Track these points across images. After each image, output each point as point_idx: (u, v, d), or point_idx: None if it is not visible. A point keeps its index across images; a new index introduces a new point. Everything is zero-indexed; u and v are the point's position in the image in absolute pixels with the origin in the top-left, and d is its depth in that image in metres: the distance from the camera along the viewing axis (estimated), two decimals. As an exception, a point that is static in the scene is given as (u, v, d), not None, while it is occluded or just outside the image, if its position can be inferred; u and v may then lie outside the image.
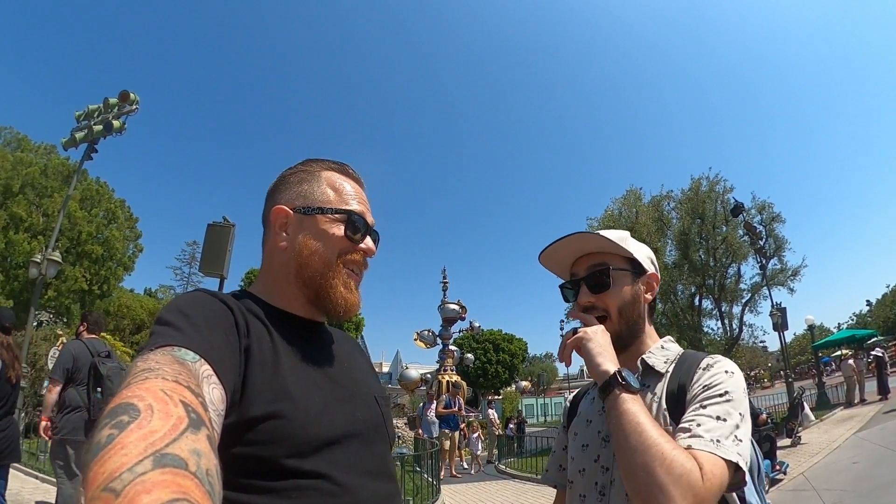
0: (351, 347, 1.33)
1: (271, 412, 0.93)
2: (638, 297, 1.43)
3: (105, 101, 15.11)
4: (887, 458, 9.25)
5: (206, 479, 0.51)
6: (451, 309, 26.01)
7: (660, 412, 1.26)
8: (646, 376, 1.35)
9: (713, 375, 1.23)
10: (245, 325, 1.01)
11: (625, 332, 1.39)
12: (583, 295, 1.42)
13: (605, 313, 1.39)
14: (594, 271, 1.42)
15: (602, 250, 1.43)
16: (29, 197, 26.10)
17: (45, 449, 10.92)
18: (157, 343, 0.83)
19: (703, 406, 1.16)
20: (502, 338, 56.75)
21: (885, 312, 62.48)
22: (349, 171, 1.27)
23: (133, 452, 0.48)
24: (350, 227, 1.18)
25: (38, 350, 14.23)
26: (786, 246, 25.10)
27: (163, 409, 0.57)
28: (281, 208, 1.19)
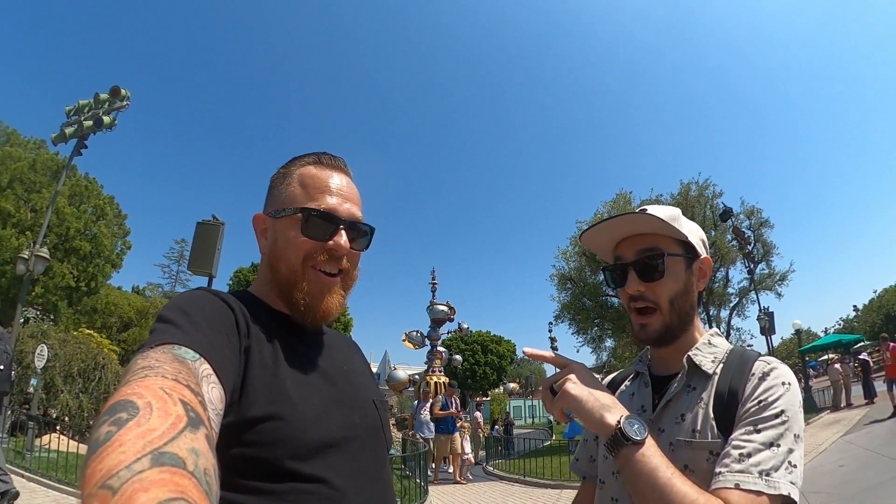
0: (350, 350, 1.32)
1: (270, 414, 0.93)
2: (690, 287, 1.30)
3: (96, 96, 15.04)
4: (873, 462, 9.32)
5: (203, 478, 0.50)
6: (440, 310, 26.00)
7: (707, 421, 1.15)
8: (692, 376, 1.24)
9: (769, 389, 1.12)
10: (246, 325, 1.00)
11: (675, 324, 1.27)
12: (632, 283, 1.27)
13: (655, 305, 1.26)
14: (645, 257, 1.26)
15: (652, 231, 1.28)
16: (17, 192, 25.80)
17: (31, 448, 10.87)
18: (157, 340, 0.82)
19: (757, 429, 1.07)
20: (491, 339, 56.85)
21: (872, 317, 62.94)
22: (324, 159, 1.21)
23: (131, 450, 0.48)
24: (307, 226, 1.12)
25: (24, 347, 14.06)
26: (774, 251, 25.37)
27: (162, 407, 0.57)
28: (259, 215, 1.20)
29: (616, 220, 1.29)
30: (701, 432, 1.14)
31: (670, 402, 1.23)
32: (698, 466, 1.11)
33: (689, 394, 1.22)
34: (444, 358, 26.34)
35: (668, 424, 1.20)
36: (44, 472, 9.65)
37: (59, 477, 9.45)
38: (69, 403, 14.25)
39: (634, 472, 1.02)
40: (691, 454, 1.13)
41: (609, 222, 1.30)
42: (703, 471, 1.09)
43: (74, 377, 14.81)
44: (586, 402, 1.09)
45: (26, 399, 13.80)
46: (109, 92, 15.11)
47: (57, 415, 14.44)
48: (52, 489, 9.02)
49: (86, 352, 15.56)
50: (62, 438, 11.92)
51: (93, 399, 14.93)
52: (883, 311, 61.06)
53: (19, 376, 13.43)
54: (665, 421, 1.21)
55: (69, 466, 9.83)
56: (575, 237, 25.40)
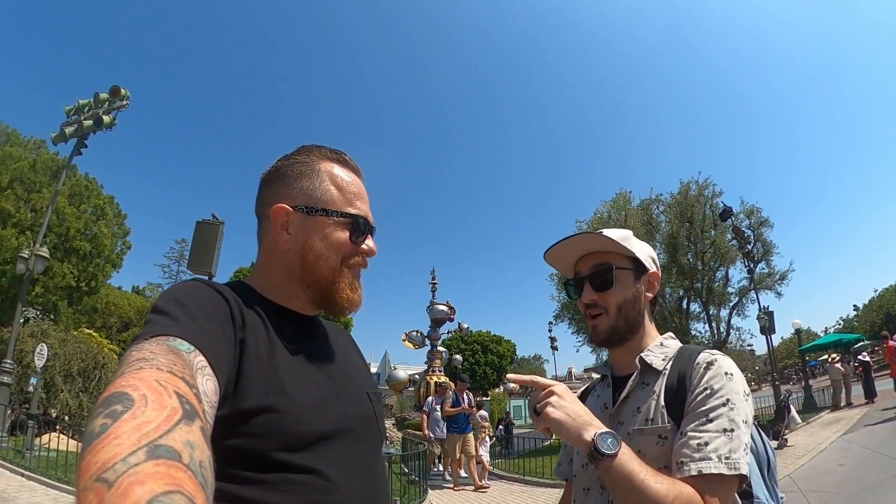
0: (346, 342, 1.33)
1: (265, 405, 0.93)
2: (639, 296, 1.48)
3: (95, 95, 15.03)
4: (873, 461, 9.35)
5: (199, 471, 0.51)
6: (440, 310, 26.01)
7: (658, 410, 1.32)
8: (645, 374, 1.41)
9: (714, 378, 1.27)
10: (241, 316, 1.00)
11: (622, 327, 1.45)
12: (586, 293, 1.48)
13: (604, 310, 1.45)
14: (597, 270, 1.47)
15: (606, 249, 1.48)
16: (17, 192, 25.80)
17: (31, 447, 10.89)
18: (151, 332, 0.82)
19: (709, 419, 1.21)
20: (491, 339, 56.81)
21: (873, 317, 62.96)
22: (348, 160, 1.24)
23: (126, 443, 0.48)
24: (355, 231, 1.17)
25: (24, 347, 14.07)
26: (773, 250, 25.33)
27: (157, 399, 0.57)
28: (282, 207, 1.15)
29: (574, 239, 1.50)
30: (652, 420, 1.32)
31: (627, 398, 1.42)
32: (649, 450, 1.28)
33: (643, 389, 1.40)
34: (444, 358, 26.34)
35: (626, 417, 1.39)
36: (44, 470, 9.68)
37: (58, 476, 9.47)
38: (69, 403, 14.27)
39: (613, 479, 1.15)
40: (643, 440, 1.31)
41: (568, 241, 1.50)
42: (653, 454, 1.27)
43: (74, 377, 14.84)
44: (565, 423, 1.21)
45: (26, 398, 13.80)
46: (109, 91, 15.10)
47: (57, 414, 14.46)
48: (52, 488, 9.05)
49: (86, 351, 15.58)
50: (62, 437, 11.92)
51: (93, 398, 14.89)
52: (883, 311, 61.08)
53: (19, 375, 13.45)
54: (623, 414, 1.40)
55: (69, 465, 9.84)
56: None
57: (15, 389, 13.28)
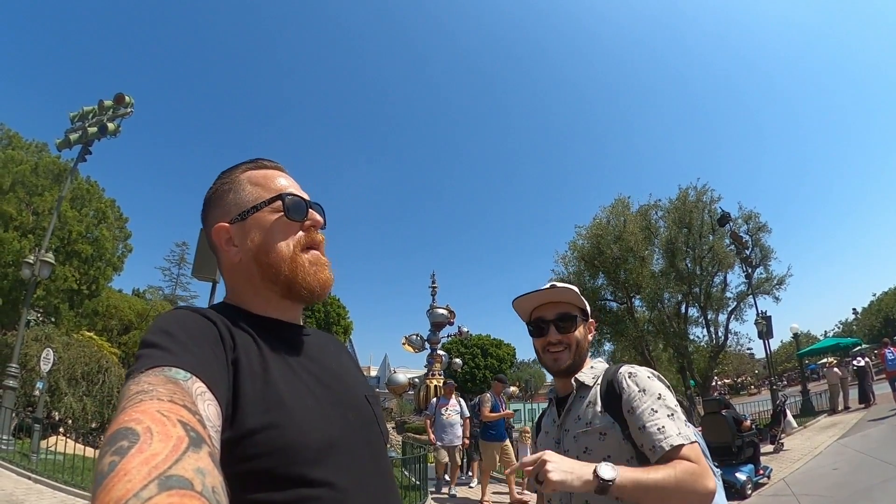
0: (337, 349, 1.33)
1: (266, 423, 0.93)
2: (586, 337, 1.92)
3: (100, 103, 15.08)
4: (867, 465, 9.44)
5: (212, 497, 0.51)
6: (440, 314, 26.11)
7: (595, 413, 1.72)
8: (580, 390, 1.84)
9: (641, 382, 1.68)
10: (230, 337, 1.01)
11: (577, 360, 1.87)
12: (553, 333, 1.87)
13: (566, 346, 1.86)
14: (563, 316, 1.87)
15: (567, 300, 1.89)
16: (19, 195, 25.81)
17: (37, 449, 10.99)
18: (146, 365, 0.81)
19: (654, 409, 1.60)
20: (490, 343, 56.77)
21: (871, 321, 62.72)
22: (264, 162, 1.25)
23: (137, 478, 0.48)
24: (287, 208, 1.16)
25: (28, 351, 14.19)
26: (771, 255, 25.33)
27: (162, 430, 0.57)
28: (220, 226, 1.17)
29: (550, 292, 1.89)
30: (592, 422, 1.71)
31: (570, 410, 1.83)
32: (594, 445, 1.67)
33: (580, 401, 1.81)
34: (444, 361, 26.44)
35: (570, 424, 1.80)
36: (50, 473, 9.77)
37: (65, 478, 9.57)
38: (73, 406, 14.37)
39: (629, 491, 1.42)
40: (588, 439, 1.70)
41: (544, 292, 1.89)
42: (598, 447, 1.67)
43: (78, 380, 14.94)
44: (568, 479, 1.41)
45: (30, 402, 13.90)
46: (113, 99, 15.18)
47: (61, 417, 14.55)
48: (58, 490, 9.14)
49: (89, 355, 15.69)
50: (66, 441, 12.01)
51: (96, 402, 15.05)
52: (882, 315, 60.92)
53: (24, 379, 13.54)
54: (568, 423, 1.81)
55: (75, 468, 9.94)
56: (573, 241, 25.55)
57: (19, 393, 13.38)
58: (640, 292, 24.23)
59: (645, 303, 27.06)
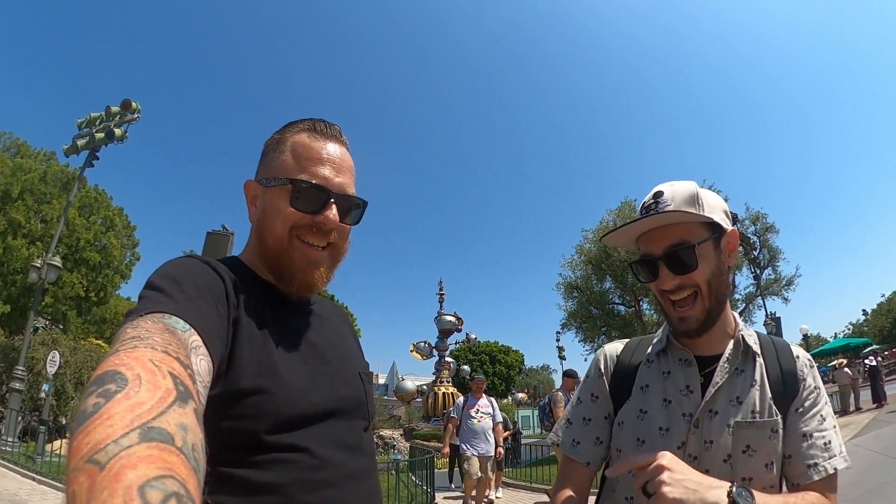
0: (340, 321, 1.32)
1: (256, 387, 0.93)
2: (723, 266, 1.28)
3: (107, 109, 15.21)
4: (879, 463, 9.31)
5: (191, 454, 0.50)
6: (448, 320, 26.11)
7: (765, 401, 1.23)
8: (738, 355, 1.29)
9: (817, 378, 1.29)
10: (235, 295, 0.99)
11: (715, 308, 1.27)
12: (665, 279, 1.26)
13: (695, 290, 1.25)
14: (675, 251, 1.25)
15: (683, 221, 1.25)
16: (27, 203, 26.07)
17: (42, 451, 11.00)
18: (146, 308, 0.80)
19: (823, 417, 1.24)
20: (499, 349, 56.79)
21: (881, 321, 62.30)
22: (319, 126, 1.17)
23: (119, 424, 0.47)
24: (296, 198, 1.09)
25: (35, 355, 14.21)
26: (780, 256, 25.23)
27: (151, 379, 0.56)
28: (249, 182, 1.18)
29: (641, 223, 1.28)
30: (761, 412, 1.22)
31: (721, 386, 1.25)
32: (761, 444, 1.20)
33: (739, 376, 1.27)
34: (452, 368, 26.41)
35: (723, 406, 1.23)
36: (54, 475, 9.77)
37: (70, 481, 9.50)
38: (79, 410, 14.36)
39: None
40: (754, 434, 1.20)
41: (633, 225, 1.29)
42: (766, 448, 1.20)
43: (85, 384, 14.88)
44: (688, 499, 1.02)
45: (37, 405, 13.93)
46: (121, 105, 15.30)
47: (67, 421, 14.56)
48: (62, 492, 8.92)
49: (96, 360, 15.67)
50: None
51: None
52: (892, 315, 60.47)
53: (31, 383, 13.58)
54: (718, 403, 1.23)
55: (80, 471, 9.90)
56: (581, 245, 25.45)
57: (26, 397, 13.41)
58: (648, 295, 24.11)
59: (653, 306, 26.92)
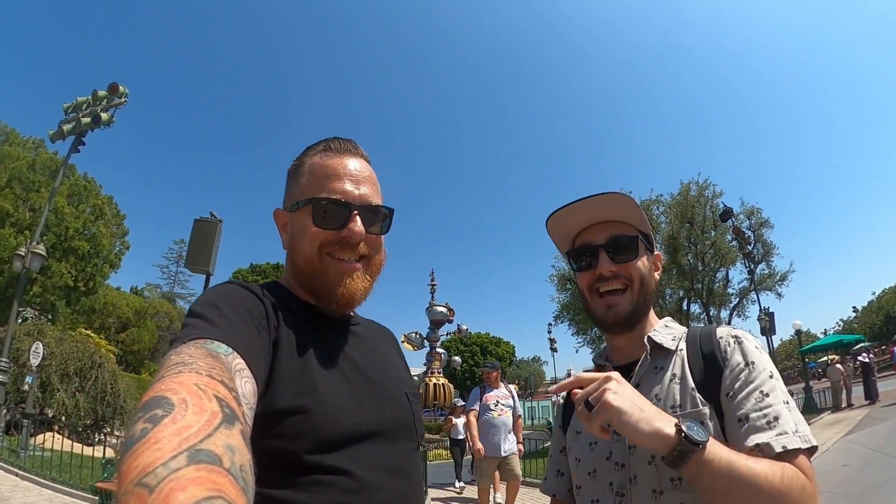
0: (385, 342, 1.32)
1: (297, 406, 0.93)
2: (652, 273, 1.36)
3: (94, 93, 14.98)
4: (876, 461, 9.31)
5: (240, 475, 0.49)
6: (439, 311, 26.01)
7: (686, 393, 1.17)
8: (656, 357, 1.27)
9: (749, 353, 1.16)
10: (276, 317, 1.01)
11: (641, 306, 1.31)
12: (604, 263, 1.30)
13: (627, 284, 1.30)
14: (619, 238, 1.31)
15: (624, 220, 1.33)
16: (16, 191, 25.84)
17: (26, 446, 10.82)
18: (189, 335, 0.81)
19: (764, 392, 1.08)
20: (490, 341, 57.09)
21: (872, 318, 63.32)
22: (332, 144, 1.20)
23: (167, 447, 0.47)
24: (316, 214, 1.12)
25: (20, 345, 13.98)
26: (774, 251, 25.36)
27: (197, 403, 0.56)
28: (278, 210, 1.23)
29: (596, 199, 1.30)
30: (682, 405, 1.16)
31: (639, 386, 1.22)
32: None
33: (656, 374, 1.24)
34: (443, 359, 26.35)
35: None
36: (37, 470, 9.60)
37: (52, 476, 9.39)
38: (65, 402, 14.16)
39: (713, 473, 0.96)
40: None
41: (589, 200, 1.31)
42: None
43: (71, 376, 14.72)
44: (631, 413, 0.98)
45: (22, 398, 13.72)
46: (108, 89, 15.04)
47: (53, 414, 14.37)
48: (46, 488, 8.96)
49: (82, 350, 15.47)
50: (58, 437, 11.82)
51: (89, 398, 14.83)
52: (883, 312, 61.30)
53: (15, 374, 13.37)
54: None
55: (63, 465, 9.77)
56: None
57: (11, 388, 13.20)
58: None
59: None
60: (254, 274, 49.29)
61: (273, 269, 49.97)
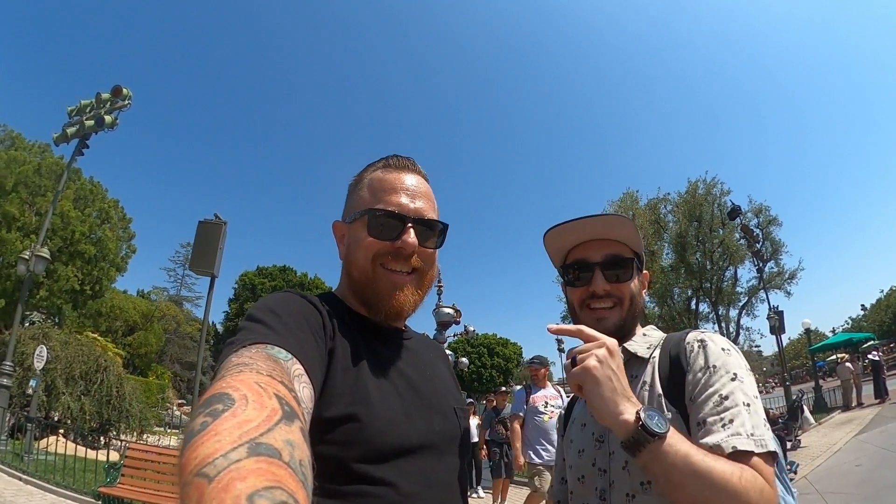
0: (435, 355, 1.34)
1: (348, 414, 0.95)
2: (641, 292, 1.42)
3: (97, 95, 14.95)
4: (890, 460, 9.19)
5: (299, 469, 0.50)
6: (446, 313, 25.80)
7: (654, 399, 1.21)
8: (631, 366, 1.29)
9: (712, 356, 1.17)
10: (332, 327, 1.03)
11: (629, 322, 1.36)
12: (599, 281, 1.34)
13: (617, 301, 1.35)
14: (615, 258, 1.36)
15: (621, 238, 1.38)
16: (22, 195, 25.89)
17: (30, 450, 10.77)
18: (250, 339, 0.84)
19: (723, 395, 1.09)
20: (497, 342, 56.97)
21: (881, 316, 63.00)
22: (391, 161, 1.23)
23: (227, 440, 0.49)
24: (372, 225, 1.14)
25: (25, 349, 13.93)
26: (782, 249, 25.18)
27: (258, 399, 0.58)
28: (337, 222, 1.27)
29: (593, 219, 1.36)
30: None
31: None
32: None
33: (631, 382, 1.20)
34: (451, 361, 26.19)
35: None
36: (41, 474, 9.53)
37: (56, 480, 9.31)
38: (70, 406, 14.09)
39: (666, 464, 0.97)
40: None
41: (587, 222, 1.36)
42: None
43: (76, 379, 14.63)
44: (604, 387, 1.02)
45: (27, 401, 13.68)
46: (111, 91, 15.01)
47: (58, 417, 14.32)
48: (49, 492, 8.89)
49: (88, 354, 15.40)
50: (62, 441, 11.76)
51: (94, 402, 14.76)
52: (892, 310, 60.98)
53: (20, 378, 13.34)
54: None
55: (67, 469, 9.70)
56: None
57: (16, 392, 13.17)
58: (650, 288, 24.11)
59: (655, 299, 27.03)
60: (260, 276, 49.29)
61: (280, 271, 49.96)
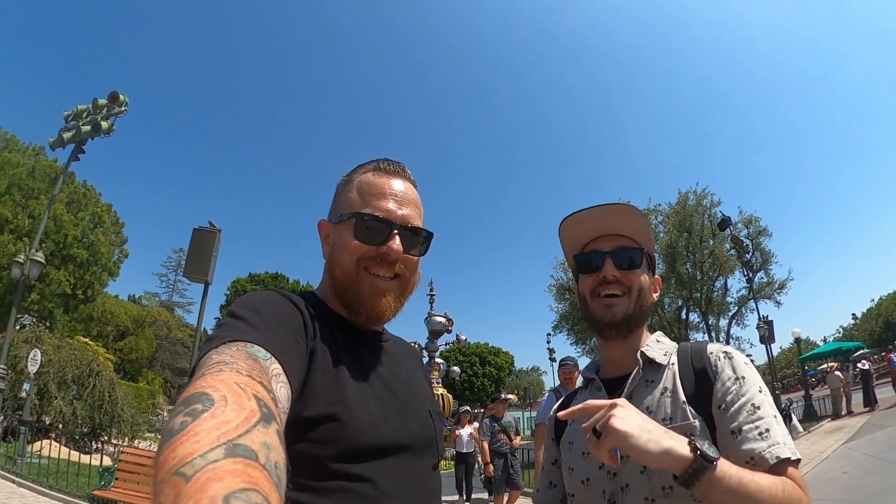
0: (411, 359, 1.35)
1: (328, 414, 0.96)
2: (650, 290, 1.42)
3: (94, 101, 14.95)
4: (877, 468, 9.27)
5: (274, 471, 0.51)
6: (438, 321, 25.95)
7: (677, 406, 1.22)
8: (647, 371, 1.32)
9: (739, 368, 1.22)
10: (312, 328, 1.03)
11: (636, 314, 1.36)
12: (609, 268, 1.36)
13: (626, 291, 1.36)
14: (624, 248, 1.38)
15: (633, 236, 1.40)
16: (15, 198, 25.81)
17: (23, 453, 10.75)
18: (230, 336, 0.84)
19: (756, 406, 1.15)
20: (489, 351, 56.96)
21: (871, 325, 63.38)
22: (381, 165, 1.24)
23: (205, 440, 0.50)
24: (359, 229, 1.15)
25: (18, 352, 13.90)
26: (772, 259, 25.40)
27: (237, 401, 0.59)
28: (322, 221, 1.26)
29: (608, 208, 1.39)
30: (672, 418, 1.20)
31: (631, 398, 1.26)
32: None
33: (647, 387, 1.29)
34: (442, 369, 26.26)
35: None
36: (34, 477, 9.53)
37: (49, 483, 9.33)
38: (63, 410, 14.07)
39: (724, 490, 0.99)
40: None
41: (602, 209, 1.38)
42: None
43: (69, 384, 14.62)
44: (639, 436, 1.00)
45: (20, 405, 13.64)
46: (108, 97, 15.02)
47: (51, 421, 14.28)
48: (42, 495, 8.91)
49: (80, 358, 15.38)
50: (55, 445, 11.75)
51: (87, 406, 14.74)
52: (882, 319, 61.31)
53: (12, 381, 13.30)
54: None
55: (60, 472, 9.71)
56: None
57: (8, 395, 13.12)
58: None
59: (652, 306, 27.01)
60: (252, 283, 49.09)
61: (272, 278, 49.82)
